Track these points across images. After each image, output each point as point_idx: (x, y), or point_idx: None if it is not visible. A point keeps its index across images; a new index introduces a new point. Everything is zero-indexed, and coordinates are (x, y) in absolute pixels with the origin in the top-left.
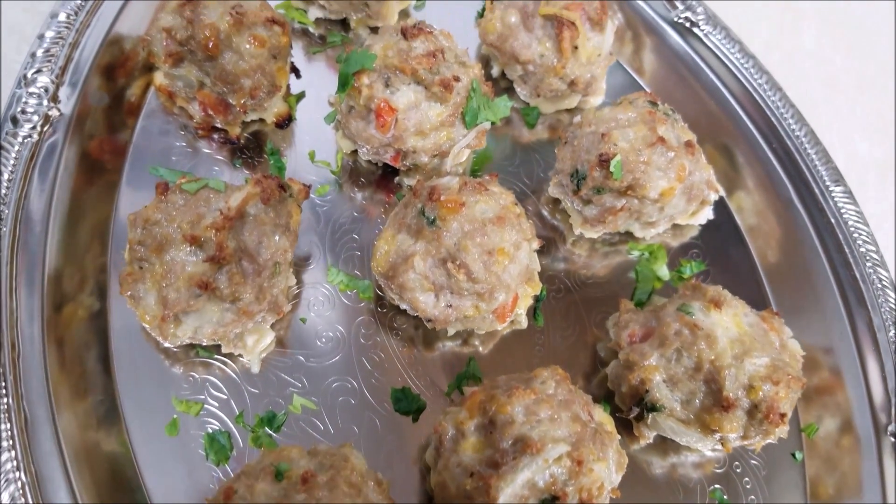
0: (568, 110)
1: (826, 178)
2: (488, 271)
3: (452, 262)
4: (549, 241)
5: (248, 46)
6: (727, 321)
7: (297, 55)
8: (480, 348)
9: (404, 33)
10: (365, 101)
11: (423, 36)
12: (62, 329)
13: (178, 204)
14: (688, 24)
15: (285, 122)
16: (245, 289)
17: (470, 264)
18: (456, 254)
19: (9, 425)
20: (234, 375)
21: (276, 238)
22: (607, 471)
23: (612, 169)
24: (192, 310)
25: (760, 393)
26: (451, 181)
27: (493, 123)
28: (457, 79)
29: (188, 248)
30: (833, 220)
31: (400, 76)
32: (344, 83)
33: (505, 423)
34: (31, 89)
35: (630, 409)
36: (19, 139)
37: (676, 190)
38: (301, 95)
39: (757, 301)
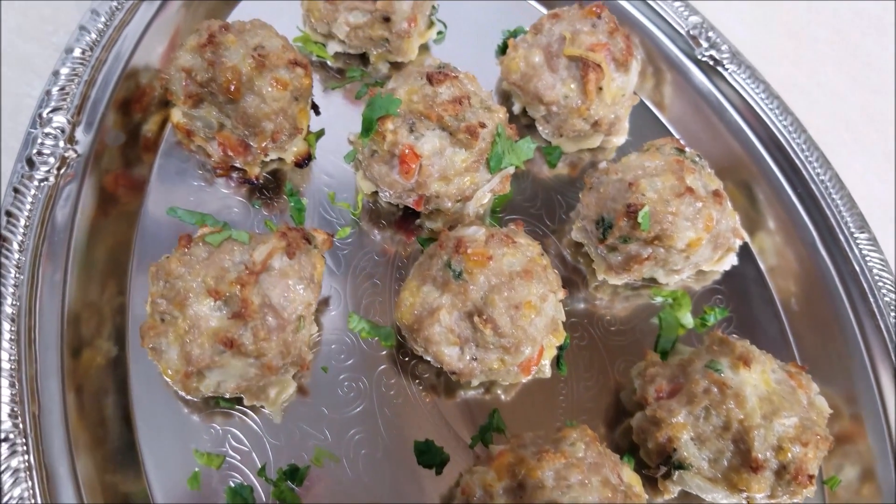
0: (590, 149)
1: (851, 225)
2: (515, 325)
3: (479, 317)
4: (571, 283)
5: (270, 90)
6: (756, 379)
7: (315, 89)
8: (503, 397)
9: (430, 79)
10: (389, 147)
11: (449, 81)
12: (81, 376)
13: (201, 257)
14: (712, 63)
15: (305, 161)
16: (270, 345)
17: (497, 319)
18: (483, 308)
19: (30, 483)
20: (255, 427)
21: (301, 291)
22: None
23: (639, 220)
24: (215, 366)
25: (789, 454)
26: (476, 232)
27: (516, 168)
28: (483, 125)
29: (212, 303)
30: (857, 268)
31: (425, 122)
32: (368, 128)
33: (535, 488)
34: (47, 129)
35: (657, 466)
36: (35, 182)
37: (704, 240)
38: (320, 133)
39: (780, 346)
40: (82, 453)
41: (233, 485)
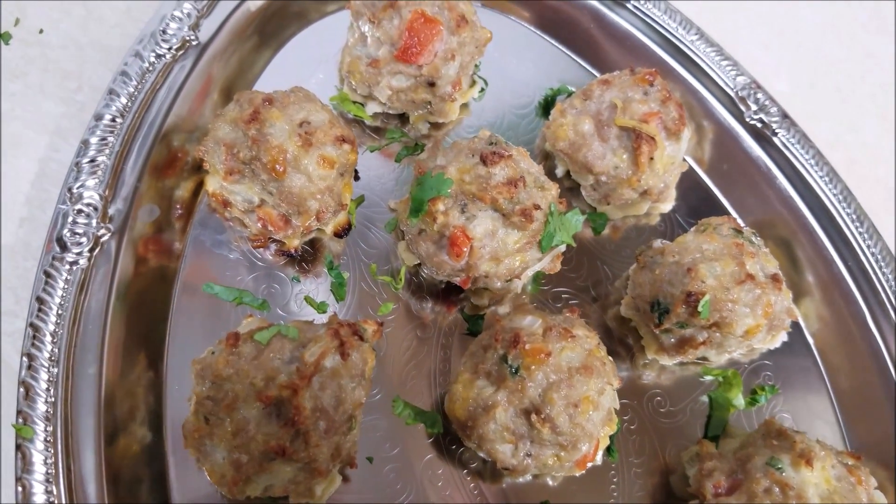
0: (635, 215)
1: None
2: (573, 423)
3: (537, 415)
4: (615, 354)
5: (316, 168)
6: (817, 478)
7: None
8: (551, 483)
9: (484, 160)
10: (439, 228)
11: (503, 162)
12: (116, 466)
13: (249, 356)
14: (760, 126)
15: (345, 231)
16: (320, 450)
17: (555, 418)
18: (541, 406)
19: None
20: None
21: (352, 390)
22: None
23: (700, 308)
24: (264, 472)
25: None
26: (533, 324)
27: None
28: (537, 207)
29: (262, 408)
30: None
31: (478, 203)
32: (418, 208)
33: None
34: (79, 206)
35: None
36: (66, 265)
37: (762, 327)
38: (360, 200)
39: (827, 423)
40: None
41: None
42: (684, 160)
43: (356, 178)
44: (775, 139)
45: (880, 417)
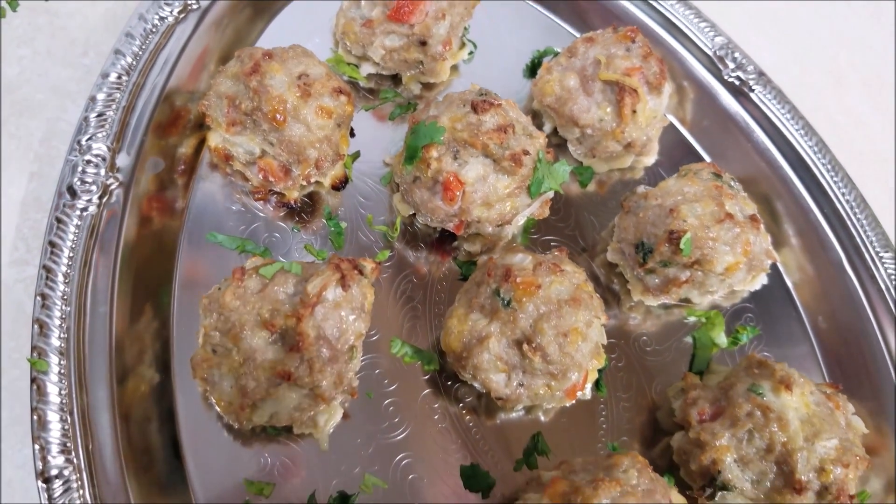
0: (620, 168)
1: (876, 244)
2: (563, 353)
3: (528, 345)
4: (605, 302)
5: (315, 118)
6: (797, 402)
7: None
8: (543, 418)
9: (475, 107)
10: (433, 174)
11: (493, 110)
12: (127, 405)
13: (254, 289)
14: (738, 83)
15: (342, 184)
16: (324, 376)
17: (546, 346)
18: (532, 336)
19: None
20: (302, 453)
21: (353, 322)
22: None
23: (681, 245)
24: (270, 397)
25: (831, 476)
26: (524, 260)
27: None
28: (526, 152)
29: (267, 336)
30: (883, 287)
31: (469, 150)
32: (412, 156)
33: None
34: (87, 157)
35: (702, 488)
36: (77, 211)
37: (742, 264)
38: (356, 156)
39: (808, 362)
40: (134, 486)
41: None
42: (666, 116)
43: (352, 134)
44: (752, 95)
45: (858, 356)
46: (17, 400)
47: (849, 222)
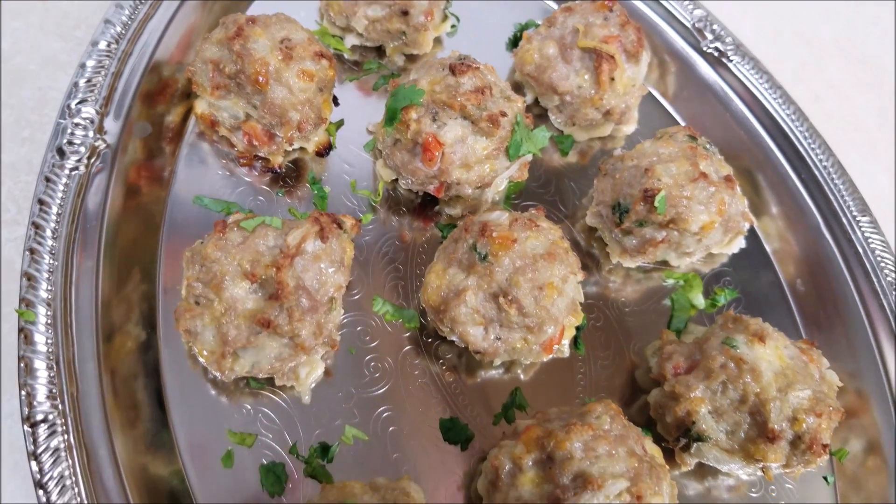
0: (600, 138)
1: (853, 208)
2: (538, 306)
3: (504, 297)
4: (585, 267)
5: (297, 81)
6: (770, 354)
7: None
8: (522, 376)
9: (452, 70)
10: (412, 136)
11: (471, 72)
12: (114, 360)
13: (236, 241)
14: (716, 54)
15: (326, 150)
16: (303, 325)
17: (521, 299)
18: (508, 289)
19: (71, 462)
20: (285, 406)
21: (332, 274)
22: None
23: (656, 204)
24: (250, 346)
25: (804, 425)
26: (500, 217)
27: (533, 155)
28: (503, 114)
29: (248, 286)
30: (860, 250)
31: (448, 111)
32: (392, 117)
33: (564, 459)
34: (77, 120)
35: (677, 439)
36: (66, 171)
37: (716, 224)
38: (340, 123)
39: (787, 326)
40: (119, 435)
41: (265, 462)
42: (644, 85)
43: (335, 103)
44: (730, 65)
45: (836, 318)
46: (5, 353)
47: (826, 188)
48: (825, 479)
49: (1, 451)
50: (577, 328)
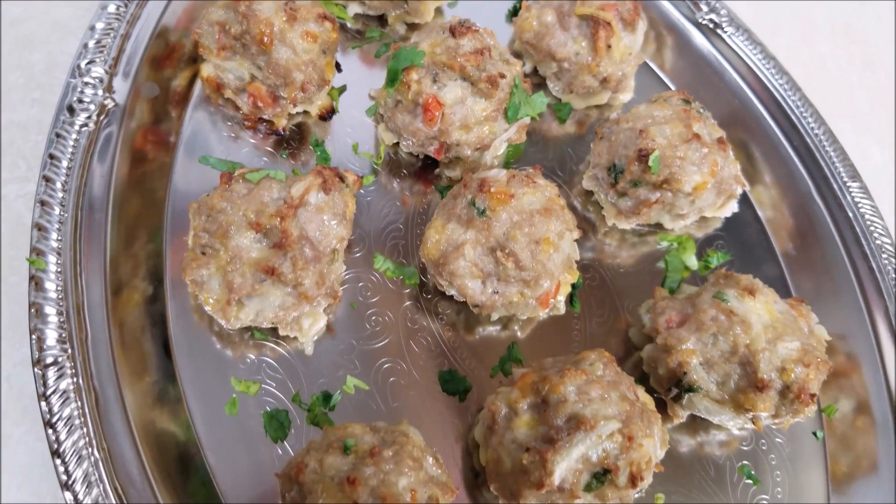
0: (598, 106)
1: (844, 175)
2: (535, 260)
3: (501, 251)
4: (581, 231)
5: (301, 41)
6: (760, 308)
7: None
8: (519, 333)
9: (452, 32)
10: (413, 96)
11: (471, 34)
12: (122, 313)
13: (241, 193)
14: (711, 26)
15: (329, 114)
16: (307, 274)
17: (518, 253)
18: (505, 243)
19: (80, 403)
20: (288, 357)
21: (335, 226)
22: (654, 447)
23: (650, 163)
24: (255, 294)
25: (792, 375)
26: (499, 174)
27: (532, 118)
28: (502, 75)
29: (253, 235)
30: (850, 214)
31: (448, 72)
32: (393, 78)
33: (558, 402)
34: (86, 79)
35: (668, 389)
36: (76, 128)
37: (709, 184)
38: (342, 89)
39: (778, 289)
40: (127, 383)
41: (269, 409)
42: (641, 54)
43: (339, 69)
44: (725, 36)
45: (828, 282)
46: (15, 304)
47: (818, 155)
48: (815, 434)
49: (1, 396)
50: (573, 286)
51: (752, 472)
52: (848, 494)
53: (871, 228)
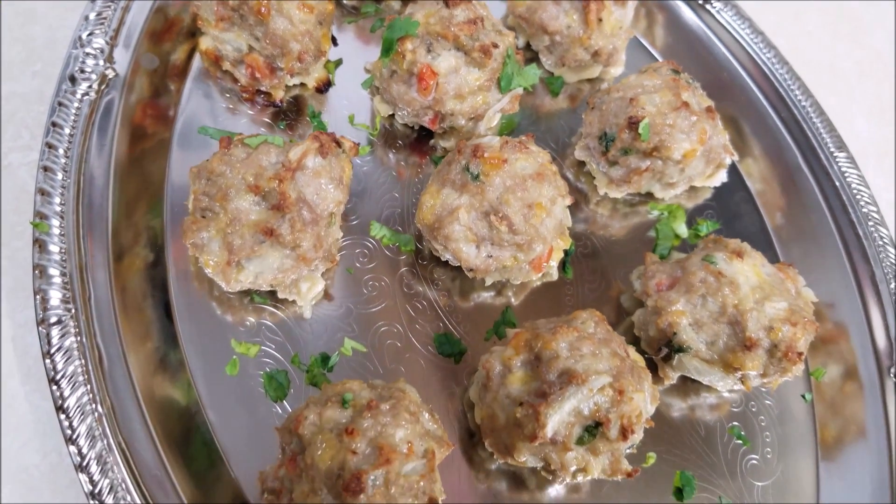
0: (589, 80)
1: (830, 145)
2: (528, 224)
3: (495, 215)
4: (574, 202)
5: (297, 12)
6: (748, 270)
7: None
8: (513, 299)
9: (446, 2)
10: (408, 66)
11: (464, 5)
12: (123, 277)
13: (240, 157)
14: (701, 1)
15: (325, 86)
16: (305, 235)
17: (511, 216)
18: (498, 207)
19: (83, 361)
20: (287, 321)
21: (332, 190)
22: (644, 401)
23: (640, 131)
24: (255, 255)
25: (780, 334)
26: (492, 140)
27: (525, 90)
28: (495, 45)
29: (252, 198)
30: (837, 184)
31: (441, 42)
32: (388, 48)
33: (551, 358)
34: (88, 50)
35: (659, 350)
36: (78, 96)
37: (698, 152)
38: (339, 62)
39: (767, 257)
40: (129, 343)
41: (268, 370)
42: (631, 29)
43: (335, 43)
44: (713, 11)
45: (815, 251)
46: (19, 268)
47: (805, 126)
48: (803, 397)
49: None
50: (566, 252)
51: (742, 433)
52: (837, 461)
53: (858, 197)
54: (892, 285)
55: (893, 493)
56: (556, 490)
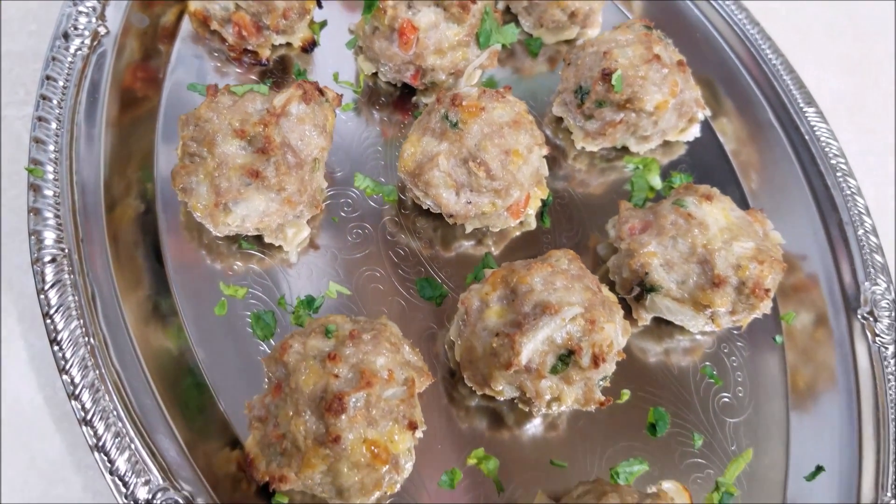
0: (567, 42)
1: (800, 101)
2: (505, 170)
3: (473, 161)
4: (552, 159)
5: None
6: (717, 213)
7: None
8: (493, 248)
9: None
10: (389, 22)
11: None
12: (116, 227)
13: (226, 104)
14: None
15: (310, 46)
16: (289, 179)
17: (489, 162)
18: (476, 153)
19: (76, 297)
20: (274, 266)
21: (316, 136)
22: (615, 332)
23: (613, 82)
24: (241, 198)
25: (747, 271)
26: (470, 90)
27: (503, 46)
28: (473, 1)
29: (238, 143)
30: (807, 137)
31: None
32: (370, 5)
33: (526, 292)
34: (80, 8)
35: (631, 289)
36: (71, 52)
37: (670, 104)
38: (323, 24)
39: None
40: (120, 282)
41: (256, 311)
42: None
43: (319, 4)
44: None
45: (786, 204)
46: (15, 215)
47: (775, 83)
48: (774, 339)
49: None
50: (543, 202)
51: (714, 373)
52: (807, 402)
53: (826, 150)
54: (861, 231)
55: (860, 432)
56: (534, 426)
